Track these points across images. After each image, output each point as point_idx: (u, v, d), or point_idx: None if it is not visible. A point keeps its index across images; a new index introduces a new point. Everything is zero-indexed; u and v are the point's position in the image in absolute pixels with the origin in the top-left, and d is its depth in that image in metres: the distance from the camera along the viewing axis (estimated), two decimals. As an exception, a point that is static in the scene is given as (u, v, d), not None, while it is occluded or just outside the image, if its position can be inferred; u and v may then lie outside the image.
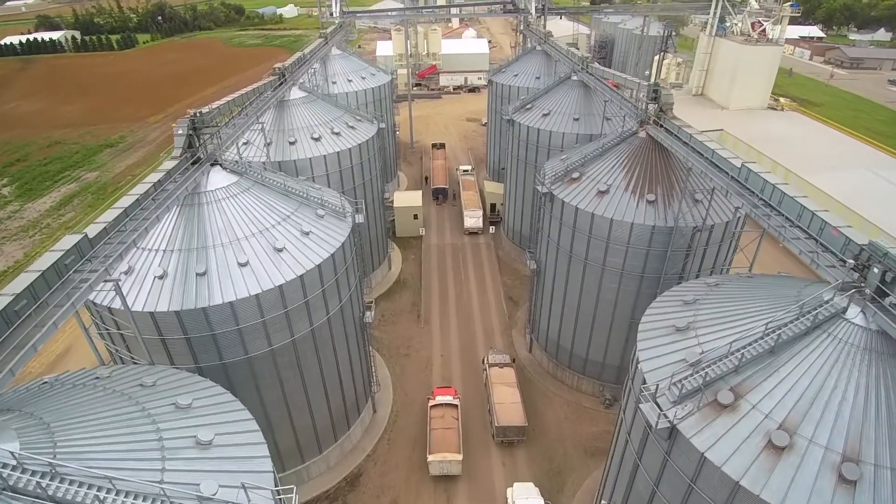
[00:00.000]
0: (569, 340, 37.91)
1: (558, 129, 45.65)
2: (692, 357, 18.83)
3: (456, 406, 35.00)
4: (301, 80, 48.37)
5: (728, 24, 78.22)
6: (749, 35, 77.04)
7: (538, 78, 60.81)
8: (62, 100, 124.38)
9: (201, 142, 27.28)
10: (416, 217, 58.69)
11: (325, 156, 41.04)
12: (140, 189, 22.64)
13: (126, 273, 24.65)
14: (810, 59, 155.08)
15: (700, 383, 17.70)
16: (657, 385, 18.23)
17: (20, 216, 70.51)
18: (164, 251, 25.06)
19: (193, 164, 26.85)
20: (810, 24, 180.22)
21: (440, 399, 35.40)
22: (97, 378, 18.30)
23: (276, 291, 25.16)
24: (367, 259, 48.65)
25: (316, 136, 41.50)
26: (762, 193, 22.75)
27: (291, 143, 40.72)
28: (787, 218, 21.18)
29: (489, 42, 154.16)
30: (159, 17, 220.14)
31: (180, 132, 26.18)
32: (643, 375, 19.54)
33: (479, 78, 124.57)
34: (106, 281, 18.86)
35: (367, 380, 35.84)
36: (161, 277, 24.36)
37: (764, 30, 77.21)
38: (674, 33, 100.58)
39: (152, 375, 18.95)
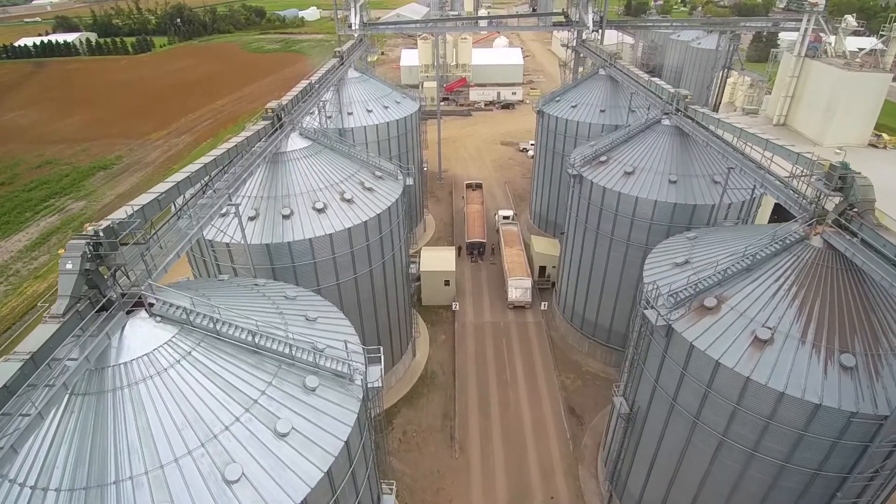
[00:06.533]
0: (676, 523, 26.06)
1: (648, 194, 33.66)
2: None
3: None
4: (312, 112, 37.72)
5: (821, 44, 65.31)
6: (849, 58, 64.16)
7: (603, 111, 49.01)
8: (63, 110, 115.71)
9: (111, 274, 16.24)
10: (447, 283, 47.20)
11: (330, 234, 29.82)
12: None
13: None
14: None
15: None
16: None
17: (-14, 258, 60.98)
18: (35, 489, 14.02)
19: (102, 310, 15.87)
20: (866, 35, 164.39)
21: None
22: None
23: (220, 570, 13.94)
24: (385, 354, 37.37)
25: (319, 205, 30.29)
26: None
27: (286, 217, 29.59)
28: None
29: (522, 50, 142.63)
30: (178, 20, 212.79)
31: (69, 266, 15.05)
32: None
33: (514, 93, 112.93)
34: None
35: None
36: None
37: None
38: (736, 47, 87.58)
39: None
